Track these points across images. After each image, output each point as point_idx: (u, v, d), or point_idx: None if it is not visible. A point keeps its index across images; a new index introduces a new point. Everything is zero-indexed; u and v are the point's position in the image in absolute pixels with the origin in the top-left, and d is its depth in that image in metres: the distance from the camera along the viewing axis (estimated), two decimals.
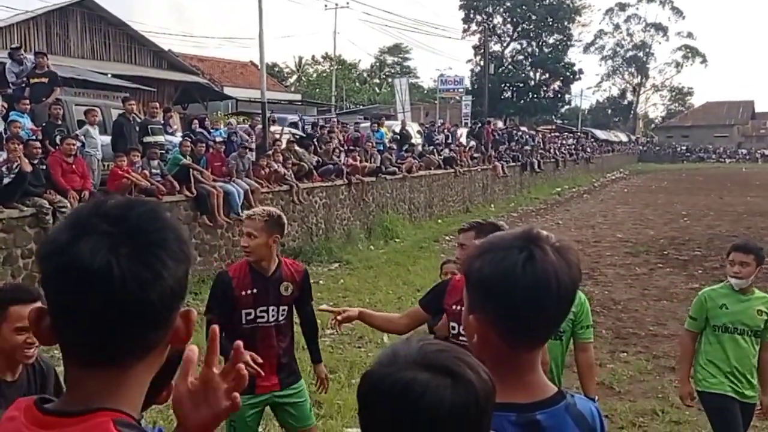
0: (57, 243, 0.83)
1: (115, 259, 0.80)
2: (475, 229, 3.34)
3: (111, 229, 0.82)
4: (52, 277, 0.84)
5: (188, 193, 10.20)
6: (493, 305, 1.17)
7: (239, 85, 29.91)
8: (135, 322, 0.83)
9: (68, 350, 0.87)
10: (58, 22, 20.64)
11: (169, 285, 0.84)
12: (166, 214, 0.89)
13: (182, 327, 0.90)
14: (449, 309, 3.38)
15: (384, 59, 59.31)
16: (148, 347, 0.88)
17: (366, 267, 11.79)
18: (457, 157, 19.79)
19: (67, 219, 0.86)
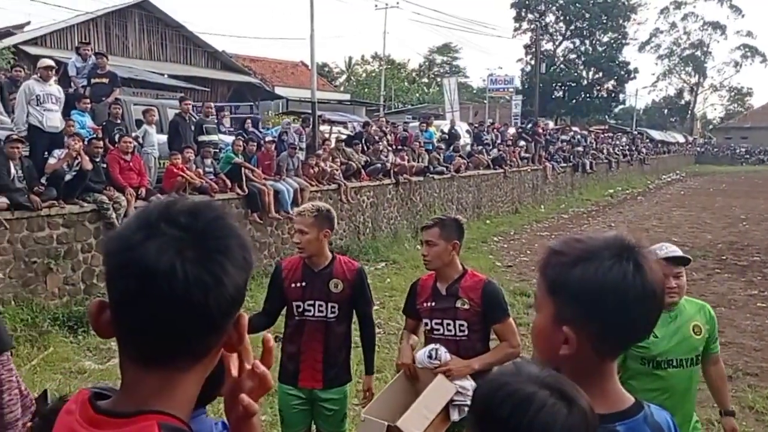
0: (125, 241, 0.84)
1: (180, 263, 0.82)
2: (439, 225, 3.33)
3: (179, 232, 0.84)
4: (116, 273, 0.85)
5: (240, 191, 10.40)
6: (599, 315, 1.16)
7: (290, 84, 30.27)
8: (192, 326, 0.85)
9: (124, 347, 0.89)
10: (117, 23, 21.30)
11: (229, 292, 0.85)
12: (233, 221, 0.90)
13: (234, 332, 0.92)
14: (422, 308, 3.40)
15: (433, 59, 59.10)
16: (203, 351, 0.89)
17: (413, 267, 11.77)
18: (507, 157, 19.58)
19: (136, 218, 0.88)
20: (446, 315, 3.29)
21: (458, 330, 3.27)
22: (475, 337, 3.29)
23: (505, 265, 12.48)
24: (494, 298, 3.32)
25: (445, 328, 3.30)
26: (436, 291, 3.34)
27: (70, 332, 7.22)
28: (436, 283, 3.35)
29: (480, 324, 3.30)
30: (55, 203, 7.71)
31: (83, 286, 8.07)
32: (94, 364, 6.50)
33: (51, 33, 19.64)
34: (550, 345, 1.21)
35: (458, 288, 3.29)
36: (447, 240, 3.27)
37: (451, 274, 3.32)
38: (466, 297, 3.27)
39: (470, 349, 3.26)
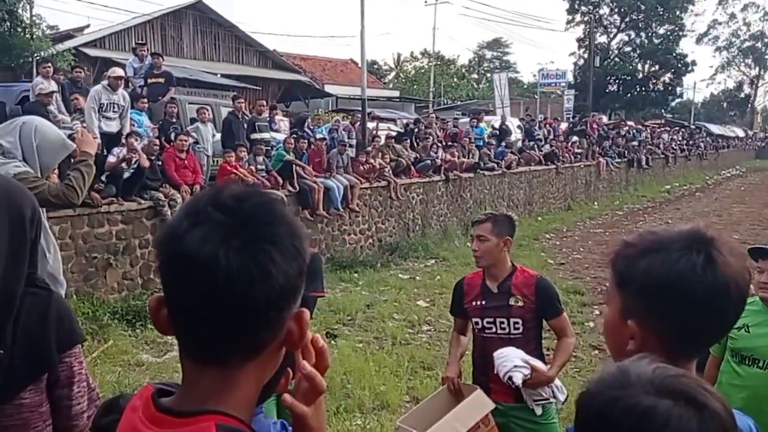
0: (172, 230, 0.82)
1: (224, 251, 0.78)
2: (491, 221, 3.24)
3: (223, 219, 0.80)
4: (164, 264, 0.83)
5: (291, 189, 10.51)
6: (664, 310, 1.11)
7: (339, 82, 30.43)
8: (240, 320, 0.81)
9: (181, 344, 0.86)
10: (173, 25, 21.79)
11: (278, 283, 0.80)
12: (282, 207, 0.86)
13: (295, 329, 0.87)
14: (470, 306, 3.33)
15: (483, 54, 58.55)
16: (257, 348, 0.85)
17: (463, 264, 11.68)
18: (559, 153, 19.23)
19: (185, 207, 0.86)
20: (499, 313, 3.23)
21: (513, 328, 3.22)
22: (530, 334, 3.24)
23: (557, 262, 12.26)
24: (548, 294, 3.26)
25: (498, 326, 3.24)
26: (486, 289, 3.28)
27: (129, 326, 7.43)
28: (485, 280, 3.30)
29: (534, 321, 3.25)
30: (114, 200, 7.96)
31: (141, 281, 8.29)
32: (151, 357, 6.67)
33: (109, 35, 20.24)
34: (618, 340, 1.17)
35: (510, 285, 3.23)
36: (498, 236, 3.21)
37: (501, 271, 3.26)
38: (519, 294, 3.21)
39: (525, 346, 3.20)
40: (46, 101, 8.49)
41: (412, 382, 5.98)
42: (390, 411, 5.29)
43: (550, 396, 3.20)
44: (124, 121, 8.68)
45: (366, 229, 12.09)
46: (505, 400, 3.22)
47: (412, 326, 8.03)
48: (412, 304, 8.98)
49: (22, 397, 1.59)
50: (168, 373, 6.08)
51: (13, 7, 14.74)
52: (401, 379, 6.00)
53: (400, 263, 11.83)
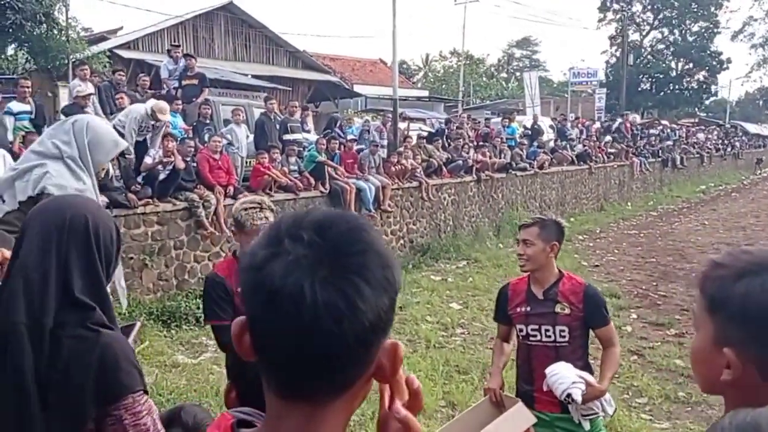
0: (253, 258, 0.77)
1: (309, 284, 0.72)
2: (539, 225, 3.16)
3: (308, 249, 0.75)
4: (247, 294, 0.78)
5: (323, 189, 10.51)
6: (764, 338, 1.03)
7: (368, 82, 30.42)
8: (327, 356, 0.75)
9: (264, 375, 0.82)
10: (204, 26, 21.97)
11: (367, 318, 0.74)
12: (370, 233, 0.79)
13: (386, 363, 0.80)
14: (515, 313, 3.24)
15: (512, 53, 58.10)
16: (344, 385, 0.79)
17: (495, 266, 11.58)
18: (592, 153, 18.96)
19: (267, 232, 0.80)
20: (545, 320, 3.15)
21: (558, 336, 3.14)
22: (576, 342, 3.15)
23: (591, 264, 12.08)
24: (596, 302, 3.18)
25: (543, 334, 3.16)
26: (531, 295, 3.20)
27: (164, 326, 7.48)
28: (531, 287, 3.22)
29: (581, 329, 3.16)
30: (150, 201, 8.02)
31: (175, 282, 8.34)
32: (186, 359, 6.69)
33: (142, 37, 20.46)
34: (709, 369, 1.09)
35: (557, 292, 3.15)
36: (546, 241, 3.13)
37: (547, 277, 3.18)
38: (566, 301, 3.12)
39: (571, 354, 3.12)
40: (83, 103, 8.59)
41: (447, 387, 5.92)
42: (426, 416, 5.24)
43: (599, 410, 3.11)
44: (155, 139, 8.66)
45: (397, 230, 12.04)
46: (550, 410, 3.14)
47: (446, 329, 7.95)
48: (444, 307, 8.90)
49: None
50: (204, 375, 6.10)
51: (50, 9, 14.97)
52: (436, 383, 5.94)
53: (432, 264, 11.76)
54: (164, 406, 5.14)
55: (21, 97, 8.66)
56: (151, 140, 8.43)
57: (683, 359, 6.90)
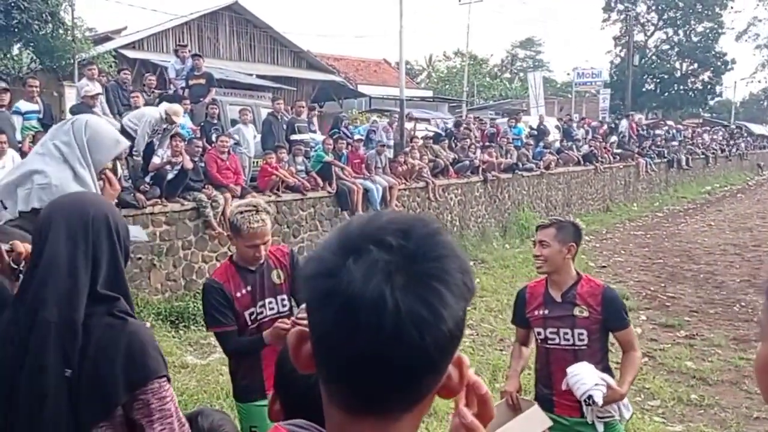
0: (326, 264, 0.73)
1: (390, 291, 0.69)
2: (556, 226, 3.13)
3: (387, 254, 0.71)
4: (316, 302, 0.74)
5: (330, 189, 10.48)
6: None
7: (372, 82, 30.40)
8: (405, 367, 0.71)
9: (327, 388, 0.78)
10: (209, 26, 21.95)
11: (448, 327, 0.71)
12: (448, 237, 0.76)
13: (455, 374, 0.76)
14: (533, 316, 3.21)
15: (516, 53, 58.03)
16: (417, 398, 0.75)
17: (502, 266, 11.55)
18: (598, 153, 18.91)
19: (337, 237, 0.75)
20: (563, 323, 3.11)
21: (577, 339, 3.10)
22: (595, 346, 3.11)
23: (598, 265, 12.04)
24: (615, 305, 3.14)
25: (561, 337, 3.12)
26: (549, 298, 3.17)
27: (172, 327, 7.46)
28: (548, 289, 3.18)
29: (600, 332, 3.12)
30: (158, 201, 7.99)
31: (183, 282, 8.32)
32: (195, 359, 6.67)
33: (147, 37, 20.45)
34: None
35: (575, 294, 3.11)
36: (562, 242, 3.10)
37: (565, 279, 3.14)
38: (584, 304, 3.08)
39: (590, 357, 3.08)
40: (91, 103, 8.58)
41: None
42: (437, 418, 5.19)
43: (616, 413, 3.08)
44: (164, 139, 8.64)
45: None
46: (570, 414, 3.11)
47: None
48: None
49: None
50: (213, 376, 6.07)
51: (56, 9, 14.95)
52: None
53: None
54: None
55: (29, 97, 8.64)
56: (159, 140, 8.41)
57: (694, 361, 6.86)
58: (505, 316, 8.56)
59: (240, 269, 3.13)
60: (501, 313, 8.55)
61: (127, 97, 9.68)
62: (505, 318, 8.44)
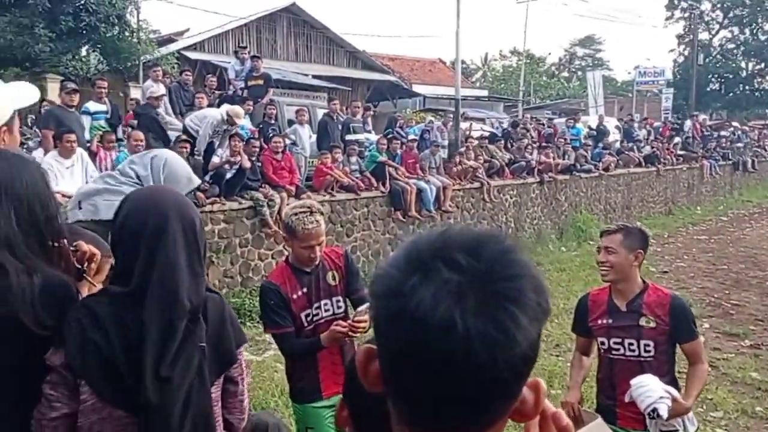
0: (393, 283, 0.71)
1: (460, 313, 0.67)
2: (623, 232, 2.99)
3: (459, 273, 0.69)
4: (384, 321, 0.73)
5: (383, 189, 10.50)
6: None
7: (427, 82, 30.33)
8: (476, 391, 0.69)
9: (397, 408, 0.76)
10: (267, 27, 22.34)
11: (521, 349, 0.68)
12: (523, 255, 0.73)
13: (529, 399, 0.73)
14: (596, 325, 3.09)
15: (574, 52, 56.90)
16: (489, 421, 0.73)
17: (558, 269, 11.35)
18: (660, 155, 18.36)
19: (406, 255, 0.73)
20: (628, 334, 3.00)
21: (643, 350, 2.99)
22: (662, 358, 3.00)
23: (660, 270, 11.69)
24: (684, 316, 3.02)
25: (626, 348, 3.02)
26: (613, 307, 3.06)
27: None
28: (612, 297, 3.07)
29: (666, 343, 3.00)
30: (217, 200, 8.17)
31: (240, 279, 8.48)
32: (251, 356, 6.78)
33: (208, 39, 20.95)
34: None
35: (641, 304, 2.99)
36: (630, 249, 2.98)
37: (631, 288, 3.03)
38: (651, 314, 2.97)
39: (657, 369, 2.96)
40: (156, 104, 8.83)
41: None
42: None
43: (680, 427, 2.98)
44: (223, 139, 8.84)
45: None
46: (633, 427, 3.01)
47: None
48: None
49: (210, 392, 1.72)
50: (269, 372, 6.17)
51: (122, 12, 15.49)
52: None
53: None
54: None
55: (97, 97, 8.97)
56: (219, 140, 8.61)
57: (759, 372, 6.59)
58: (561, 320, 8.39)
59: (296, 271, 3.16)
60: (557, 318, 8.39)
61: (188, 98, 9.95)
62: (561, 323, 8.28)
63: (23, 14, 13.72)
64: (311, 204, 3.23)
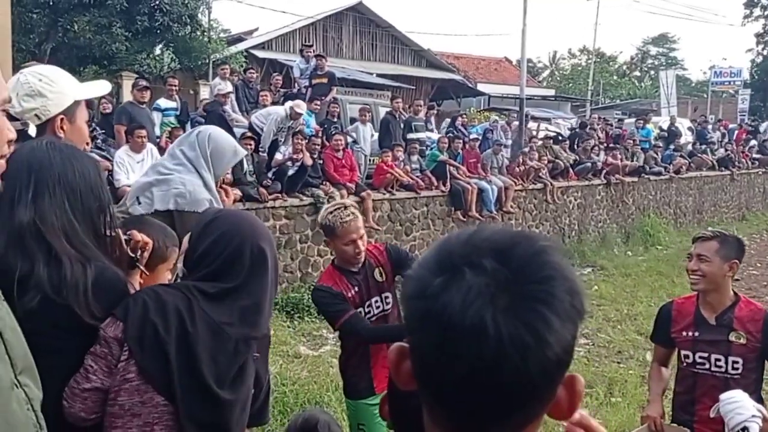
0: (423, 285, 0.71)
1: (491, 316, 0.66)
2: (719, 239, 2.79)
3: (489, 276, 0.68)
4: (415, 323, 0.73)
5: (443, 189, 10.45)
6: None
7: (492, 81, 29.99)
8: (506, 395, 0.69)
9: (429, 409, 0.76)
10: (333, 26, 22.58)
11: (554, 352, 0.68)
12: (556, 256, 0.71)
13: (565, 398, 0.73)
14: (680, 337, 2.90)
15: (647, 50, 55.08)
16: (521, 423, 0.73)
17: (623, 274, 11.03)
18: (735, 158, 17.58)
19: (436, 256, 0.74)
20: (716, 349, 2.82)
21: (731, 367, 2.80)
22: (750, 376, 2.81)
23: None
24: None
25: (713, 363, 2.84)
26: (700, 319, 2.87)
27: (288, 317, 7.73)
28: (700, 309, 2.89)
29: (756, 361, 2.82)
30: (279, 196, 8.33)
31: (299, 275, 8.61)
32: (308, 350, 6.88)
33: (276, 38, 21.35)
34: None
35: (732, 318, 2.80)
36: (725, 258, 2.78)
37: (722, 300, 2.83)
38: (742, 329, 2.78)
39: (744, 388, 2.77)
40: (223, 101, 9.07)
41: None
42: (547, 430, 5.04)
43: None
44: (287, 136, 8.99)
45: None
46: None
47: None
48: None
49: None
50: (324, 368, 6.23)
51: (194, 12, 15.96)
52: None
53: None
54: (287, 396, 5.30)
55: (168, 95, 9.28)
56: (283, 138, 8.77)
57: None
58: (625, 327, 8.16)
59: (344, 272, 3.14)
60: (620, 324, 8.17)
61: (253, 96, 10.16)
62: (624, 329, 8.05)
63: (102, 14, 14.32)
64: (342, 202, 3.24)
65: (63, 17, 14.50)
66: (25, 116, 1.85)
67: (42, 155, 1.62)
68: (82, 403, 1.58)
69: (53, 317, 1.52)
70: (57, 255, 1.53)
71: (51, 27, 14.82)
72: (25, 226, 1.53)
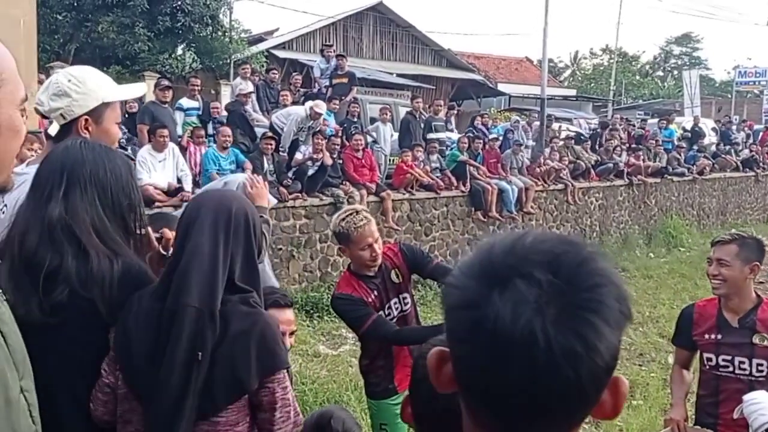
0: (468, 294, 0.71)
1: (541, 326, 0.66)
2: (738, 242, 2.75)
3: (537, 287, 0.68)
4: (460, 332, 0.72)
5: (463, 189, 10.41)
6: None
7: (513, 81, 29.85)
8: (557, 402, 0.69)
9: (472, 415, 0.76)
10: (354, 26, 22.63)
11: (603, 359, 0.68)
12: (604, 262, 0.71)
13: (609, 400, 0.73)
14: (702, 340, 2.87)
15: (670, 50, 54.45)
16: (568, 427, 0.73)
17: (645, 276, 10.92)
18: (759, 159, 17.31)
19: (479, 263, 0.73)
20: (740, 352, 2.80)
21: (755, 369, 2.77)
22: None
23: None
24: None
25: (737, 366, 2.81)
26: (723, 322, 2.85)
27: (307, 316, 7.75)
28: (722, 312, 2.86)
29: None
30: (299, 195, 8.36)
31: (319, 274, 8.64)
32: (327, 349, 6.90)
33: (296, 38, 21.44)
34: None
35: (755, 320, 2.77)
36: (745, 261, 2.74)
37: (743, 303, 2.80)
38: (766, 331, 2.75)
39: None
40: (244, 101, 9.12)
41: None
42: None
43: None
44: (307, 136, 9.02)
45: None
46: None
47: None
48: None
49: (219, 415, 1.60)
50: (343, 367, 6.24)
51: (216, 12, 16.10)
52: None
53: None
54: (306, 395, 5.31)
55: (191, 95, 9.35)
56: (304, 137, 8.80)
57: None
58: (646, 329, 8.07)
59: (361, 278, 3.12)
60: (641, 326, 8.08)
61: (274, 96, 10.20)
62: (646, 331, 7.97)
63: (125, 14, 14.50)
64: (353, 206, 3.23)
65: (88, 18, 14.70)
66: (51, 115, 1.87)
67: (75, 153, 1.65)
68: (103, 406, 1.61)
69: (80, 310, 1.55)
70: (85, 249, 1.56)
71: (76, 28, 15.04)
72: (56, 221, 1.56)
